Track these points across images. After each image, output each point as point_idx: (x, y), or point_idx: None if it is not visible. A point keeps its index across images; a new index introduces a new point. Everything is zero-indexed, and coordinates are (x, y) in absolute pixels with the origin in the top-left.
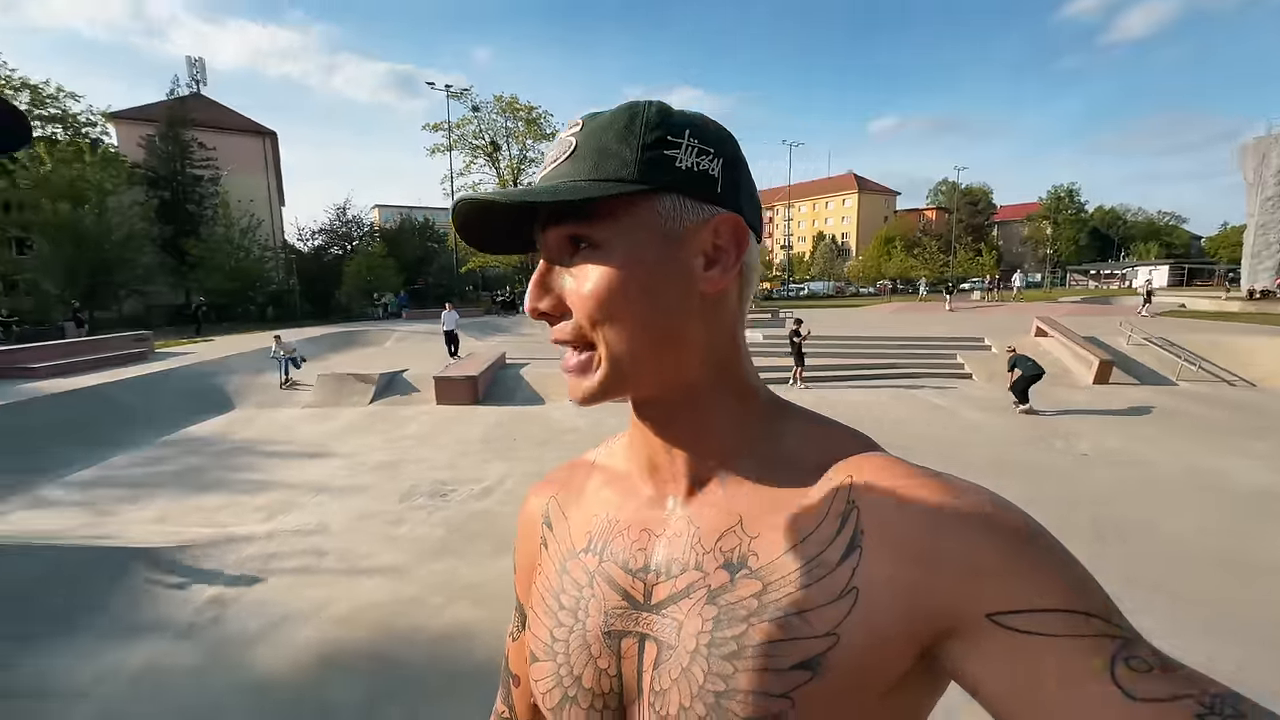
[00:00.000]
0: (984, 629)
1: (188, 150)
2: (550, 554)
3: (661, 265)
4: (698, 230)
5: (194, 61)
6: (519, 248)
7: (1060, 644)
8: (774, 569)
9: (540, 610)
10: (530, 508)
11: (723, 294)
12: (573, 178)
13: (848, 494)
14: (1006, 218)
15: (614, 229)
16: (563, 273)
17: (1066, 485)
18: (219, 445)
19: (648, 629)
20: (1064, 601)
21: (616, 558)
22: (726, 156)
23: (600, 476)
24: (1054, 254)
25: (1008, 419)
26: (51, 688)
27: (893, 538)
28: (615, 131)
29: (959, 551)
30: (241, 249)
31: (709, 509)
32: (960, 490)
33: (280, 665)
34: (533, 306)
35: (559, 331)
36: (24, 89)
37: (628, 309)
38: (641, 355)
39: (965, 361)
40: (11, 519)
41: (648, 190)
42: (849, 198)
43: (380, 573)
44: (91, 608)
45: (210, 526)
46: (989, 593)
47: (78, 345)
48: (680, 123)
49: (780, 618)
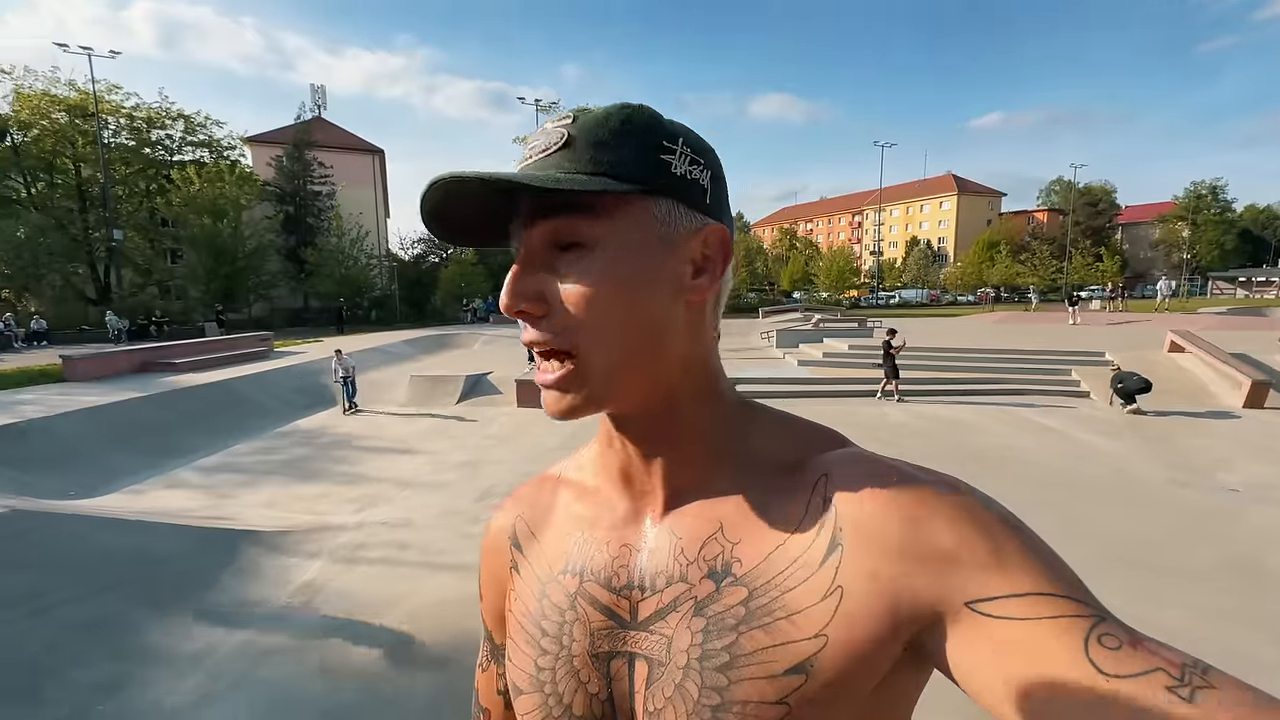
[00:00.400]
0: (963, 617)
1: (309, 168)
2: (524, 578)
3: (654, 270)
4: (689, 238)
5: (316, 88)
6: (489, 240)
7: (1035, 626)
8: (758, 574)
9: (520, 639)
10: (496, 528)
11: (704, 304)
12: (567, 170)
13: (824, 492)
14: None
15: (609, 228)
16: (546, 271)
17: (1211, 526)
18: (321, 438)
19: (636, 647)
20: (1036, 585)
21: (598, 576)
22: (713, 169)
23: (569, 492)
24: (1192, 259)
25: (1131, 444)
26: (171, 652)
27: (872, 534)
28: (612, 129)
29: (937, 544)
30: (350, 258)
31: (688, 518)
32: (934, 483)
33: (359, 654)
34: (510, 303)
35: (534, 335)
36: (180, 118)
37: (616, 313)
38: (624, 365)
39: (1082, 378)
40: (149, 496)
41: (646, 192)
42: (947, 200)
43: (455, 570)
44: (207, 582)
45: (309, 514)
46: (967, 582)
47: (212, 344)
48: (673, 130)
49: (769, 623)
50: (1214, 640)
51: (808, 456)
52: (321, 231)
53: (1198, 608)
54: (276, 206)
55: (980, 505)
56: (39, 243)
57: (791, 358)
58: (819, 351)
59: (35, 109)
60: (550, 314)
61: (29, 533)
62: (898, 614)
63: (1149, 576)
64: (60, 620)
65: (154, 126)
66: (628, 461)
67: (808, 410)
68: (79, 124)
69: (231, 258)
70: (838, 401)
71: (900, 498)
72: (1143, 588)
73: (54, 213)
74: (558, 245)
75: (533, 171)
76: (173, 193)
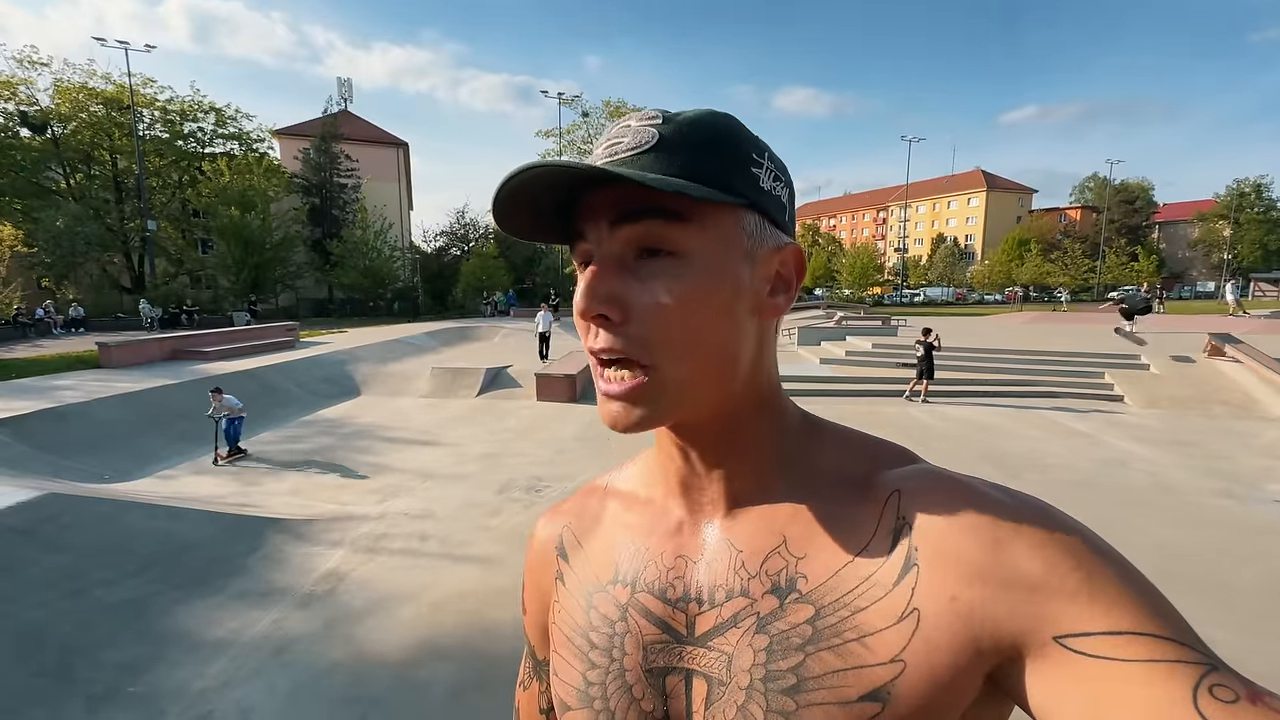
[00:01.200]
0: (1051, 652)
1: (335, 161)
2: (569, 588)
3: (738, 286)
4: (770, 254)
5: (343, 82)
6: (557, 238)
7: (1136, 670)
8: (826, 591)
9: (567, 653)
10: (541, 537)
11: (773, 321)
12: (659, 172)
13: (896, 508)
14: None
15: (700, 238)
16: (627, 275)
17: (1254, 537)
18: (345, 428)
19: (694, 664)
20: (1138, 624)
21: (651, 587)
22: (790, 188)
23: (618, 502)
24: (1234, 259)
25: (1167, 452)
26: (196, 636)
27: (950, 555)
28: (706, 135)
29: (1022, 569)
30: (374, 249)
31: (749, 530)
32: (1018, 504)
33: (381, 643)
34: (588, 307)
35: (609, 341)
36: (211, 111)
37: (697, 326)
38: (697, 380)
39: (1115, 382)
40: (179, 482)
41: (743, 204)
42: (975, 196)
43: (476, 561)
44: (234, 569)
45: (333, 503)
46: (1056, 614)
47: (240, 332)
48: (760, 143)
49: (839, 644)
50: (1256, 664)
51: (876, 472)
52: (346, 223)
53: (1240, 628)
54: (303, 198)
55: (1072, 529)
56: (77, 232)
57: (813, 355)
58: (842, 350)
59: (74, 102)
60: (628, 321)
61: (64, 514)
62: (980, 643)
63: (1186, 591)
64: (93, 602)
65: (186, 119)
66: (687, 470)
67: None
68: (115, 116)
69: (259, 248)
70: (861, 401)
71: (982, 518)
72: (1179, 603)
73: (92, 203)
74: (642, 250)
75: (620, 168)
76: (203, 184)
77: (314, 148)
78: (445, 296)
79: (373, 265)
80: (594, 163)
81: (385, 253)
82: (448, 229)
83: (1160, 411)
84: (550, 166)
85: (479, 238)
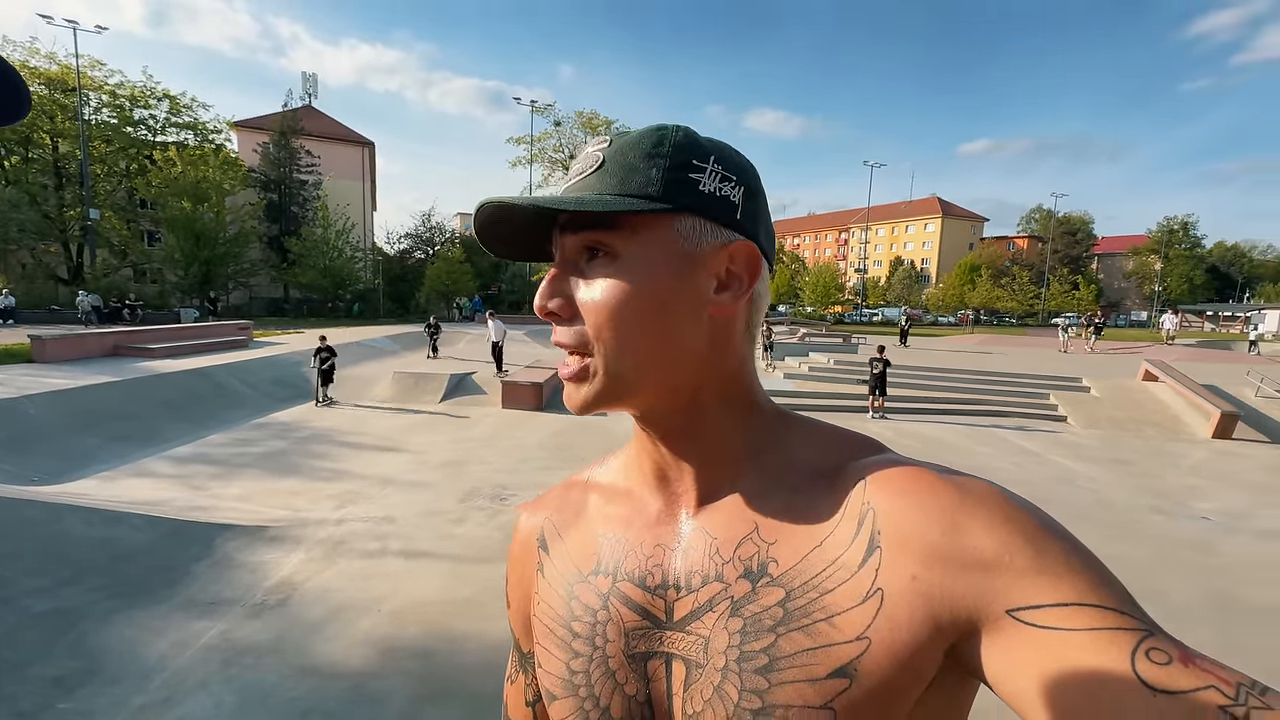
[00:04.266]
0: (1004, 625)
1: (296, 157)
2: (549, 580)
3: (674, 282)
4: (714, 253)
5: (308, 77)
6: (535, 256)
7: (1079, 638)
8: (795, 574)
9: (550, 644)
10: (524, 530)
11: (729, 319)
12: (599, 191)
13: (862, 495)
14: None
15: (633, 241)
16: (576, 277)
17: (1180, 551)
18: (301, 431)
19: (673, 648)
20: (1081, 595)
21: (632, 576)
22: (748, 186)
23: (599, 495)
24: (1163, 291)
25: (1105, 469)
26: (136, 649)
27: (911, 537)
28: (642, 151)
29: (977, 548)
30: (335, 249)
31: (723, 517)
32: (974, 487)
33: (337, 654)
34: (542, 305)
35: (562, 335)
36: (164, 99)
37: (636, 320)
38: (642, 368)
39: (1060, 403)
40: (119, 485)
41: (668, 210)
42: (931, 222)
43: (438, 571)
44: (178, 577)
45: (287, 509)
46: (1008, 589)
47: (188, 330)
48: (706, 148)
49: (808, 625)
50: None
51: (845, 462)
52: (306, 221)
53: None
54: (260, 193)
55: (1022, 510)
56: (10, 218)
57: (777, 370)
58: (805, 366)
59: None
60: (575, 317)
61: None
62: (939, 619)
63: None
64: (19, 612)
65: (137, 105)
66: (661, 462)
67: None
68: (59, 99)
69: (211, 243)
70: (824, 416)
71: (940, 501)
72: None
73: (28, 188)
74: (589, 253)
75: (572, 194)
76: (153, 174)
77: (274, 142)
78: (408, 300)
79: (333, 265)
80: (561, 185)
81: (346, 253)
82: (413, 231)
83: (1100, 432)
84: (494, 203)
85: (445, 241)
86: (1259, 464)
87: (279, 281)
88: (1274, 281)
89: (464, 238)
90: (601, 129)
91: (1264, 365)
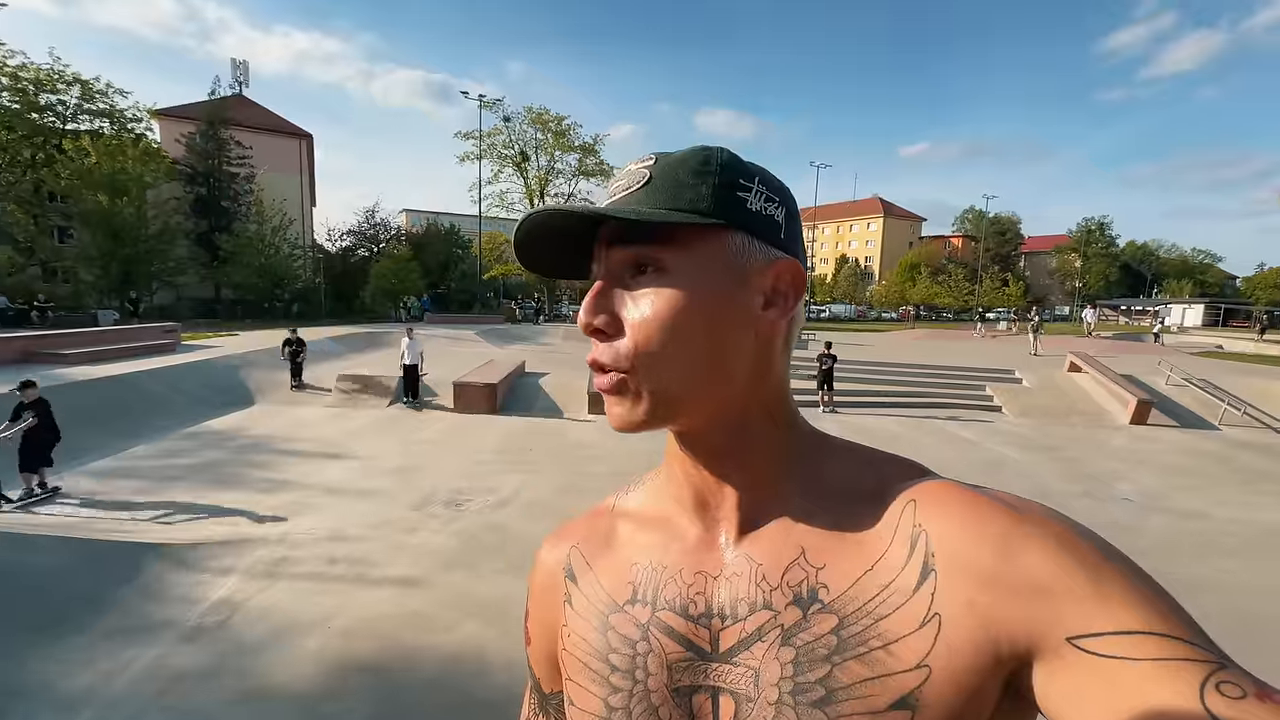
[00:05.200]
0: (1064, 653)
1: (225, 147)
2: (579, 611)
3: (725, 298)
4: (762, 271)
5: (238, 64)
6: (572, 273)
7: (1145, 668)
8: (848, 600)
9: (585, 679)
10: (547, 563)
11: (774, 335)
12: (649, 206)
13: (913, 517)
14: (1034, 249)
15: (685, 256)
16: (621, 293)
17: (1108, 532)
18: (237, 440)
19: (720, 681)
20: (1146, 623)
21: (672, 604)
22: (788, 208)
23: (629, 522)
24: (1082, 288)
25: (1038, 456)
26: (58, 684)
27: (965, 561)
28: (691, 169)
29: (1034, 573)
30: (272, 246)
31: (766, 543)
32: (1028, 510)
33: (284, 676)
34: (588, 322)
35: (602, 353)
36: (75, 84)
37: (686, 336)
38: (691, 386)
39: (995, 394)
40: (32, 506)
41: (721, 225)
42: (874, 221)
43: (391, 583)
44: (101, 603)
45: (224, 525)
46: (1067, 615)
47: (107, 334)
48: (751, 169)
49: (864, 653)
50: None
51: (888, 484)
52: (239, 217)
53: None
54: (187, 187)
55: (1080, 536)
56: None
57: None
58: None
59: None
60: (619, 334)
61: None
62: (998, 645)
63: None
64: None
65: (43, 90)
66: (700, 485)
67: None
68: None
69: (132, 240)
70: None
71: (993, 525)
72: None
73: None
74: (637, 268)
75: (618, 206)
76: (63, 164)
77: (200, 132)
78: (351, 299)
79: (269, 263)
80: (601, 204)
81: (284, 250)
82: (355, 228)
83: (1032, 420)
84: (545, 212)
85: (390, 238)
86: (1171, 447)
87: (210, 280)
88: (1177, 278)
89: (411, 235)
90: (552, 125)
91: (1173, 356)
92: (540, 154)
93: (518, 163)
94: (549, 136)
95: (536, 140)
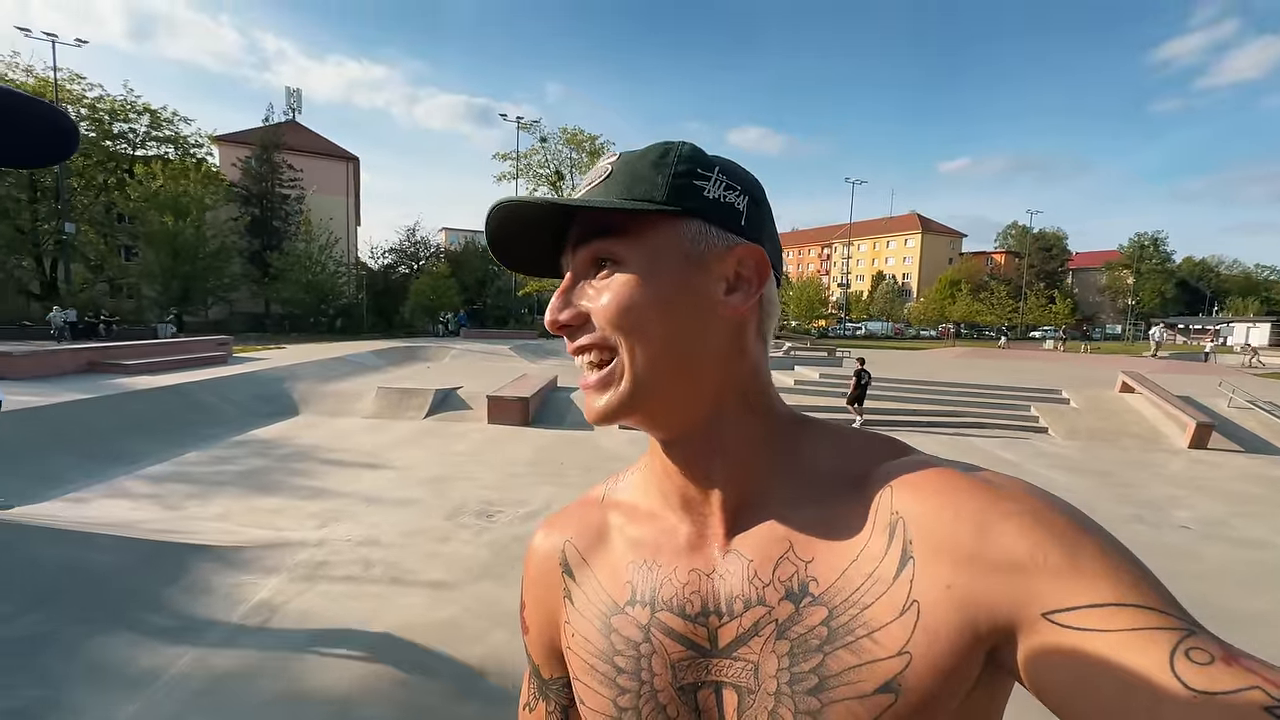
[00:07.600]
0: (1041, 628)
1: (278, 171)
2: (580, 610)
3: (680, 283)
4: (721, 257)
5: (292, 92)
6: (547, 271)
7: (1117, 639)
8: (835, 592)
9: (592, 680)
10: (542, 551)
11: (742, 321)
12: (607, 197)
13: (890, 503)
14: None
15: (638, 246)
16: (585, 287)
17: (1163, 560)
18: (282, 449)
19: (722, 676)
20: (1118, 595)
21: (670, 605)
22: (752, 195)
23: (619, 515)
24: (1136, 305)
25: (1087, 480)
26: (105, 677)
27: (942, 544)
28: (650, 161)
29: (1010, 551)
30: (318, 264)
31: (756, 538)
32: (1003, 487)
33: (319, 678)
34: (553, 319)
35: (578, 342)
36: (145, 113)
37: (647, 320)
38: (662, 371)
39: (1040, 415)
40: (92, 506)
41: (674, 213)
42: (911, 238)
43: (423, 590)
44: (151, 601)
45: (267, 529)
46: (1043, 591)
47: (166, 345)
48: (711, 160)
49: (852, 642)
50: None
51: (871, 468)
52: (288, 236)
53: None
54: (242, 208)
55: (1053, 508)
56: None
57: None
58: (790, 379)
59: None
60: (589, 325)
61: None
62: (976, 626)
63: None
64: None
65: (117, 119)
66: (685, 484)
67: None
68: None
69: (191, 257)
70: None
71: (968, 504)
72: None
73: (0, 202)
74: (596, 265)
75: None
76: (132, 188)
77: (255, 157)
78: (391, 315)
79: (316, 280)
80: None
81: (330, 268)
82: (397, 246)
83: (1079, 443)
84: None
85: (430, 256)
86: (1233, 473)
87: (260, 297)
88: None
89: (450, 252)
90: (586, 145)
91: (1236, 376)
92: (575, 172)
93: (553, 181)
94: (583, 155)
95: (571, 160)
